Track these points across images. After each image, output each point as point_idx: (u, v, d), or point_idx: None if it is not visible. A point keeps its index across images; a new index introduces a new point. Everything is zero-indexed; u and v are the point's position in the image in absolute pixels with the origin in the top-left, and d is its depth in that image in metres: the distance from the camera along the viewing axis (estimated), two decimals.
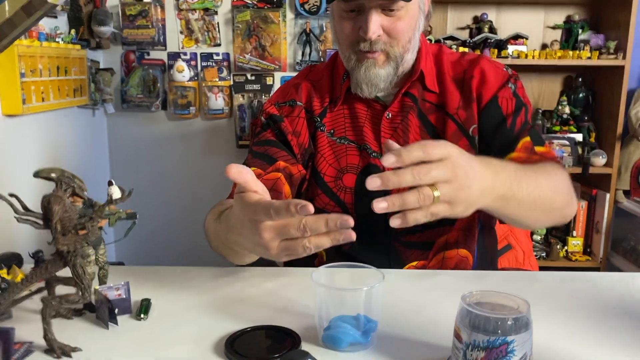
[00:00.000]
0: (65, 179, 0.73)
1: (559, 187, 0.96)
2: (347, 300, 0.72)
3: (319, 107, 1.16)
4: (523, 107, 1.11)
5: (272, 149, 1.12)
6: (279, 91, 1.23)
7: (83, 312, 0.83)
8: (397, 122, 1.12)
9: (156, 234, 2.61)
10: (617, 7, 2.30)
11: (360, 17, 1.02)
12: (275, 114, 1.17)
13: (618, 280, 0.98)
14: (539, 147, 1.07)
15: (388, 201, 0.66)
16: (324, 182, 1.12)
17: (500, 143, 1.08)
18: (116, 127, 2.53)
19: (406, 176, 0.66)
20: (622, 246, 2.47)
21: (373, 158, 1.11)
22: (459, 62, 1.16)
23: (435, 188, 0.68)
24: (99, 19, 2.20)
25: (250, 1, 2.40)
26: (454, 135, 1.10)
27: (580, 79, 2.48)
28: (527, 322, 0.63)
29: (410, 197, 0.66)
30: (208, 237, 1.00)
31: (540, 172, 0.93)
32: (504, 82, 1.12)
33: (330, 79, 1.19)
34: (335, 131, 1.15)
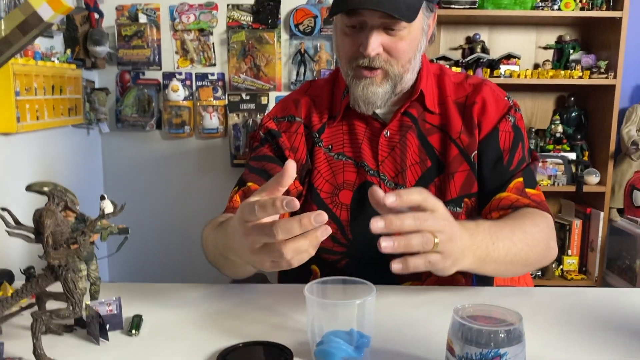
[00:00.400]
0: (57, 192, 0.73)
1: (536, 240, 0.97)
2: (340, 314, 0.72)
3: (318, 122, 1.16)
4: (520, 142, 1.12)
5: (269, 164, 1.12)
6: (279, 105, 1.23)
7: (74, 328, 0.82)
8: (395, 140, 1.12)
9: (150, 253, 2.60)
10: (607, 27, 2.34)
11: (362, 33, 1.02)
12: (273, 129, 1.17)
13: (610, 296, 0.99)
14: (530, 189, 1.08)
15: (394, 241, 0.69)
16: (320, 198, 1.12)
17: (495, 178, 1.09)
18: (110, 146, 2.53)
19: (408, 221, 0.70)
20: (617, 265, 2.47)
21: (370, 176, 1.11)
22: (462, 85, 1.16)
23: (435, 235, 0.72)
24: (94, 39, 2.22)
25: (245, 22, 2.43)
26: (456, 159, 1.10)
27: (573, 98, 2.51)
28: (520, 335, 0.63)
29: (415, 239, 0.71)
30: (206, 248, 1.00)
31: (517, 228, 0.95)
32: (505, 113, 1.12)
33: (331, 95, 1.19)
34: (333, 147, 1.14)
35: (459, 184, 1.09)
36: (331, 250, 1.12)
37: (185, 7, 2.42)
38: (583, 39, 2.52)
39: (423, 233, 0.71)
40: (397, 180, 1.11)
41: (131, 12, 2.42)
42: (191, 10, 2.42)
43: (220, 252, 0.90)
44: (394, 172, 1.11)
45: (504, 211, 1.06)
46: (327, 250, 1.12)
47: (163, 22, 2.44)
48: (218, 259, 0.94)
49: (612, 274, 2.47)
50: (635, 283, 2.28)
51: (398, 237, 0.69)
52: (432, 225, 0.72)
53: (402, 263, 0.71)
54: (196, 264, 2.61)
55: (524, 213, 1.02)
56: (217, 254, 0.94)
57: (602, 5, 2.27)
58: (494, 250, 0.87)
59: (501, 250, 0.88)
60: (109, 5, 2.40)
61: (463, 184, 1.10)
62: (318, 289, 0.75)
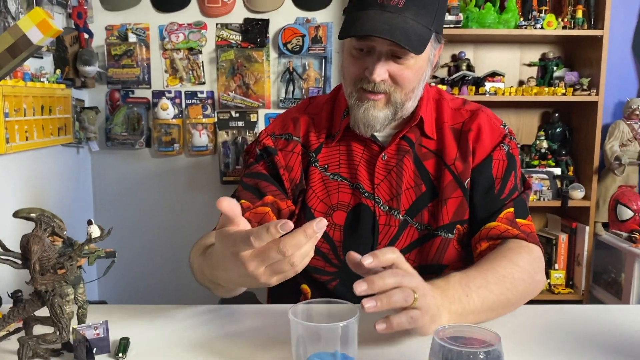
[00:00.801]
0: (44, 218, 0.74)
1: (516, 281, 0.96)
2: (323, 336, 0.73)
3: (316, 141, 1.16)
4: (513, 171, 1.12)
5: (263, 182, 1.13)
6: (277, 122, 1.23)
7: (61, 352, 0.82)
8: (392, 164, 1.12)
9: (140, 272, 2.60)
10: (589, 45, 2.38)
11: (369, 58, 1.03)
12: (270, 145, 1.17)
13: (594, 312, 1.00)
14: (521, 219, 1.08)
15: (377, 301, 0.72)
16: (314, 218, 1.11)
17: (486, 206, 1.10)
18: (100, 164, 2.54)
19: (389, 279, 0.74)
20: (604, 278, 2.50)
21: (365, 198, 1.11)
22: (459, 111, 1.17)
23: (414, 291, 0.75)
24: (84, 59, 2.23)
25: (234, 41, 2.45)
26: (450, 185, 1.10)
27: (557, 114, 2.55)
28: (499, 355, 0.65)
29: (396, 295, 0.74)
30: (193, 272, 1.01)
31: (492, 274, 0.94)
32: (499, 141, 1.13)
33: (330, 114, 1.19)
34: (329, 167, 1.15)
35: (452, 210, 1.10)
36: (323, 271, 1.12)
37: (175, 26, 2.45)
38: (566, 56, 2.57)
39: (403, 289, 0.75)
40: (391, 204, 1.11)
41: (121, 31, 2.44)
42: (180, 30, 2.45)
43: (208, 278, 0.91)
44: (389, 196, 1.11)
45: (492, 241, 1.07)
46: (319, 270, 1.12)
47: (152, 41, 2.47)
48: (207, 283, 0.95)
49: (599, 287, 2.49)
50: (621, 296, 2.30)
51: (379, 295, 0.73)
52: (410, 281, 0.76)
53: (385, 323, 0.75)
54: (186, 283, 2.61)
55: (507, 249, 1.02)
56: (205, 280, 0.95)
57: (583, 24, 2.32)
58: (469, 303, 0.87)
59: (476, 300, 0.88)
60: (99, 25, 2.42)
61: (456, 210, 1.10)
62: (303, 311, 0.76)
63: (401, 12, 0.97)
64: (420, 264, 1.11)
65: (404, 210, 1.11)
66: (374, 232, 1.11)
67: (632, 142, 2.44)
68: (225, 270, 0.75)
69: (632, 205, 2.36)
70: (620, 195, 2.41)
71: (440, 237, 1.10)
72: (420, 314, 0.77)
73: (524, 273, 0.98)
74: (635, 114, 2.43)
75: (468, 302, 0.87)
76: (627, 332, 0.90)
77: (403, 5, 0.97)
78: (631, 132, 2.44)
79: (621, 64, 2.55)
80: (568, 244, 2.47)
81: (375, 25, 0.96)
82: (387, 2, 0.97)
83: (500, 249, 1.03)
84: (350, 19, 1.01)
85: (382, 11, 0.97)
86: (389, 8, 0.97)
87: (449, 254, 1.11)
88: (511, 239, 1.05)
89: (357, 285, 0.71)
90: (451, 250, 1.11)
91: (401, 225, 1.11)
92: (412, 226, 1.11)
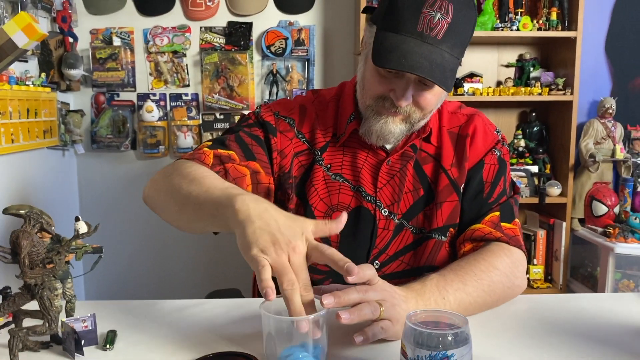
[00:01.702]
0: (33, 215, 0.77)
1: (494, 284, 0.98)
2: (294, 329, 0.74)
3: (322, 140, 1.14)
4: (503, 176, 1.14)
5: (257, 147, 1.11)
6: (282, 103, 1.20)
7: (50, 345, 0.85)
8: (396, 169, 1.12)
9: (127, 272, 2.61)
10: (564, 46, 2.45)
11: (398, 81, 1.00)
12: (270, 123, 1.14)
13: (560, 301, 1.05)
14: (506, 223, 1.09)
15: (350, 314, 0.77)
16: (314, 216, 1.11)
17: (473, 209, 1.12)
18: (86, 167, 2.55)
19: (353, 294, 0.79)
20: (580, 272, 2.56)
21: (366, 202, 1.11)
22: (456, 114, 1.18)
23: (380, 304, 0.80)
24: (69, 62, 2.25)
25: (218, 44, 2.49)
26: (445, 189, 1.11)
27: (534, 113, 2.61)
28: (467, 337, 0.69)
29: (365, 309, 0.79)
30: (154, 189, 1.03)
31: (470, 277, 0.96)
32: (492, 147, 1.14)
33: (335, 113, 1.17)
34: (332, 167, 1.13)
35: (447, 213, 1.11)
36: (315, 269, 1.11)
37: (159, 30, 2.48)
38: (542, 57, 2.64)
39: (370, 302, 0.79)
40: (392, 208, 1.11)
41: (105, 35, 2.46)
42: (165, 33, 2.48)
43: (184, 203, 0.91)
44: (390, 201, 1.12)
45: (476, 243, 1.08)
46: (312, 269, 1.13)
47: (137, 44, 2.49)
48: (172, 205, 0.96)
49: (576, 281, 2.56)
50: (597, 289, 2.37)
51: (351, 309, 0.78)
52: (374, 295, 0.80)
53: (362, 335, 0.79)
54: (173, 281, 2.64)
55: (488, 251, 1.03)
56: (178, 202, 0.94)
57: (557, 25, 2.38)
58: (445, 305, 0.90)
59: (452, 303, 0.91)
60: (84, 29, 2.44)
61: (450, 214, 1.11)
62: (277, 304, 0.77)
63: (439, 45, 0.94)
64: (413, 267, 1.13)
65: (400, 214, 1.12)
66: (372, 236, 1.11)
67: (605, 140, 2.51)
68: (247, 225, 0.77)
69: (606, 201, 2.43)
70: (595, 191, 2.48)
71: (434, 239, 1.11)
72: (391, 323, 0.81)
73: (503, 276, 1.00)
74: (608, 112, 2.50)
75: (444, 305, 0.90)
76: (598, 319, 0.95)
77: (442, 37, 0.94)
78: (605, 130, 2.51)
79: (595, 64, 2.63)
80: (546, 240, 2.53)
81: (415, 61, 0.93)
82: (427, 32, 0.94)
83: (480, 251, 1.04)
84: (387, 45, 0.96)
85: (421, 42, 0.94)
86: (428, 39, 0.94)
87: (440, 256, 1.12)
88: (493, 241, 1.07)
89: (324, 298, 0.75)
90: (443, 252, 1.13)
91: (396, 229, 1.12)
92: (407, 229, 1.12)
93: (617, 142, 2.51)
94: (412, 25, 0.94)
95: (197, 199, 0.89)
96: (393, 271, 1.12)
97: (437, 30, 0.94)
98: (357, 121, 1.12)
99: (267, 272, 0.73)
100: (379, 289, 0.82)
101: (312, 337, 0.74)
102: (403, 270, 1.13)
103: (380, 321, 0.81)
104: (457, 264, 1.00)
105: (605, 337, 0.87)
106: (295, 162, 1.14)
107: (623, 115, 2.56)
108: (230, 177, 1.04)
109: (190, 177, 0.94)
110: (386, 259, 1.12)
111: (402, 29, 0.95)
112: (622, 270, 2.30)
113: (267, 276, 0.73)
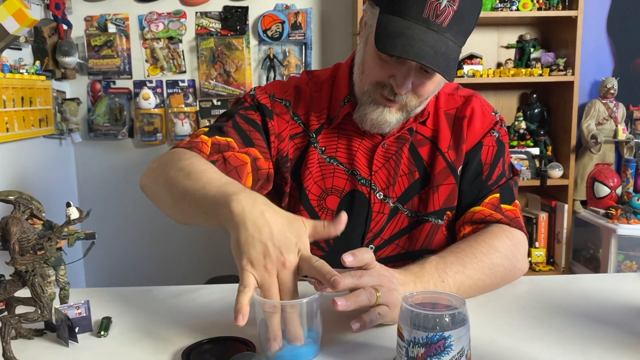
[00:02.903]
0: (23, 201, 0.76)
1: (495, 266, 0.97)
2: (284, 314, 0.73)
3: (316, 122, 1.13)
4: (502, 158, 1.12)
5: (255, 133, 1.08)
6: (277, 85, 1.17)
7: (44, 332, 0.84)
8: (391, 152, 1.11)
9: (125, 260, 2.61)
10: (564, 26, 2.42)
11: (399, 66, 0.97)
12: (266, 105, 1.12)
13: (562, 282, 1.04)
14: (506, 205, 1.08)
15: (346, 300, 0.75)
16: (308, 199, 1.10)
17: (472, 192, 1.10)
18: (83, 155, 2.54)
19: (348, 280, 0.77)
20: (583, 255, 2.55)
21: (360, 185, 1.10)
22: (453, 96, 1.15)
23: (376, 289, 0.79)
24: (63, 50, 2.23)
25: (213, 29, 2.46)
26: (442, 172, 1.10)
27: (535, 95, 2.58)
28: (464, 318, 0.67)
29: (361, 295, 0.78)
30: (151, 179, 1.01)
31: (470, 260, 0.94)
32: (490, 128, 1.12)
33: (329, 95, 1.15)
34: (327, 149, 1.12)
35: (444, 197, 1.10)
36: (319, 245, 1.11)
37: (154, 15, 2.45)
38: (543, 37, 2.60)
39: (366, 288, 0.78)
40: (387, 192, 1.10)
41: (100, 22, 2.44)
42: (160, 19, 2.45)
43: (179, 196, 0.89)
44: (385, 184, 1.10)
45: (476, 225, 1.07)
46: (314, 245, 1.12)
47: (132, 31, 2.47)
48: (167, 196, 0.94)
49: (578, 263, 2.55)
50: (600, 271, 2.36)
51: (348, 295, 0.76)
52: (369, 280, 0.79)
53: (359, 322, 0.78)
54: (172, 268, 2.64)
55: (488, 233, 1.02)
56: (170, 194, 0.93)
57: (558, 4, 2.35)
58: (444, 288, 0.89)
59: (452, 286, 0.90)
60: (78, 16, 2.42)
61: (447, 197, 1.10)
62: None
63: (444, 33, 0.92)
64: (408, 250, 1.12)
65: (395, 197, 1.11)
66: (367, 219, 1.10)
67: (607, 120, 2.48)
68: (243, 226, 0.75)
69: (608, 183, 2.41)
70: (597, 173, 2.46)
71: (430, 223, 1.10)
72: (388, 309, 0.80)
73: (504, 259, 0.99)
74: (610, 92, 2.47)
75: (444, 288, 0.89)
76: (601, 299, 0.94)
77: (447, 25, 0.91)
78: (607, 110, 2.48)
79: (596, 44, 2.60)
80: (548, 223, 2.52)
81: (420, 49, 0.90)
82: (433, 19, 0.91)
83: (481, 233, 1.03)
84: (391, 30, 0.92)
85: (427, 29, 0.91)
86: (433, 26, 0.91)
87: (437, 239, 1.11)
88: (494, 223, 1.05)
89: (321, 287, 0.74)
90: (440, 236, 1.11)
91: (391, 212, 1.11)
92: (402, 213, 1.11)
93: (619, 123, 2.48)
94: (417, 10, 0.91)
95: (193, 196, 0.86)
96: (388, 255, 1.11)
97: (443, 17, 0.91)
98: (350, 104, 1.10)
99: (245, 297, 0.71)
100: (375, 274, 0.81)
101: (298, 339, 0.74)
102: (398, 254, 1.12)
103: (378, 307, 0.80)
104: (457, 246, 0.99)
105: (608, 318, 0.86)
106: (291, 144, 1.12)
107: (625, 95, 2.53)
108: (230, 166, 1.03)
109: (187, 170, 0.92)
110: (381, 242, 1.11)
111: (407, 14, 0.92)
112: (625, 252, 2.29)
113: (244, 301, 0.71)
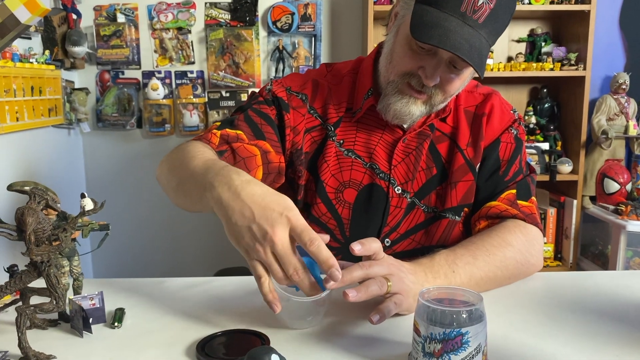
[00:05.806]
0: (38, 191, 0.76)
1: (507, 260, 0.97)
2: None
3: (335, 115, 1.12)
4: (519, 155, 1.12)
5: (267, 127, 1.09)
6: (295, 78, 1.17)
7: (58, 323, 0.84)
8: (412, 147, 1.10)
9: (134, 250, 2.62)
10: (577, 20, 2.40)
11: (429, 59, 0.97)
12: (283, 99, 1.12)
13: (573, 278, 1.04)
14: (522, 201, 1.08)
15: (357, 291, 0.76)
16: (325, 192, 1.10)
17: (489, 188, 1.10)
18: (92, 146, 2.54)
19: (356, 272, 0.79)
20: (591, 251, 2.54)
21: (379, 179, 1.10)
22: (472, 93, 1.15)
23: (387, 279, 0.80)
24: (73, 39, 2.23)
25: (223, 20, 2.45)
26: (460, 169, 1.10)
27: (545, 89, 2.56)
28: (481, 315, 0.67)
29: (372, 285, 0.79)
30: (160, 170, 1.04)
31: (482, 253, 0.95)
32: (509, 125, 1.13)
33: (351, 88, 1.14)
34: (345, 142, 1.12)
35: (461, 193, 1.10)
36: (327, 246, 1.12)
37: (164, 6, 2.44)
38: (554, 31, 2.58)
39: (377, 278, 0.79)
40: (405, 186, 1.10)
41: (109, 12, 2.43)
42: (169, 9, 2.44)
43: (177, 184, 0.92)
44: (404, 179, 1.10)
45: (491, 220, 1.07)
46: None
47: (141, 21, 2.46)
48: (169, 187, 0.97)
49: (586, 259, 2.54)
50: (608, 268, 2.35)
51: (359, 287, 0.77)
52: (379, 270, 0.80)
53: (378, 313, 0.78)
54: (181, 259, 2.64)
55: (503, 228, 1.02)
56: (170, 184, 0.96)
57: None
58: (455, 278, 0.89)
59: (463, 277, 0.90)
60: (87, 5, 2.41)
61: (465, 193, 1.10)
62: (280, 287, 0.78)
63: (479, 29, 0.92)
64: (424, 245, 1.12)
65: (412, 192, 1.11)
66: (384, 213, 1.10)
67: (618, 116, 2.47)
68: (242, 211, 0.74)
69: (618, 179, 2.39)
70: (607, 168, 2.45)
71: (447, 219, 1.10)
72: (403, 297, 0.81)
73: (517, 253, 0.99)
74: (622, 88, 2.45)
75: (454, 277, 0.89)
76: (612, 296, 0.94)
77: (483, 22, 0.91)
78: (618, 106, 2.46)
79: (608, 39, 2.57)
80: (556, 218, 2.51)
81: (457, 42, 0.89)
82: (470, 14, 0.91)
83: (495, 227, 1.03)
84: (427, 20, 0.92)
85: (463, 23, 0.91)
86: (469, 21, 0.91)
87: (454, 235, 1.12)
88: (509, 218, 1.06)
89: (327, 281, 0.74)
90: (456, 232, 1.12)
91: (408, 207, 1.11)
92: (419, 208, 1.11)
93: (631, 119, 2.46)
94: (455, 3, 0.91)
95: (184, 185, 0.89)
96: (404, 249, 1.11)
97: (480, 13, 0.91)
98: (374, 97, 1.09)
99: (264, 286, 0.75)
100: (385, 264, 0.81)
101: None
102: (414, 249, 1.12)
103: (393, 296, 0.80)
104: (469, 240, 1.00)
105: (621, 315, 0.86)
106: (307, 137, 1.12)
107: (637, 90, 2.51)
108: (238, 157, 1.03)
109: (185, 157, 0.93)
110: (397, 237, 1.11)
111: (444, 6, 0.91)
112: (634, 248, 2.27)
113: (266, 290, 0.75)
